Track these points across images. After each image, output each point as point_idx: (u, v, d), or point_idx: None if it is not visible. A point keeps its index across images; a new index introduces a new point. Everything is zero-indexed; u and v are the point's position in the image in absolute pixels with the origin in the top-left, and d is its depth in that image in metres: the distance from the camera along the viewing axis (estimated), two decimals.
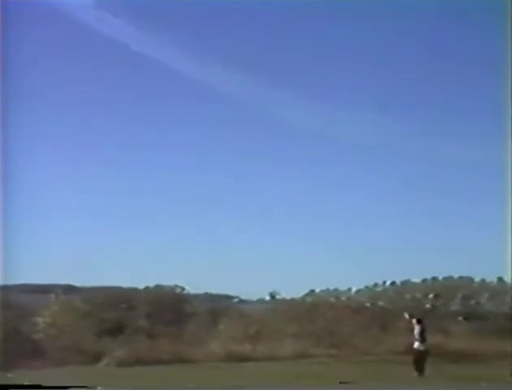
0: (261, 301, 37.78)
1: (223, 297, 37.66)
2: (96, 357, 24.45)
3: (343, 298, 37.07)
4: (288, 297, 36.70)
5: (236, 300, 38.26)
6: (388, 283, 36.94)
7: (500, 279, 35.10)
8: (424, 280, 36.27)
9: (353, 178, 49.40)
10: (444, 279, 35.96)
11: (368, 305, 36.24)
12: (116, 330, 27.35)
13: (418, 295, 35.70)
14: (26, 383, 10.19)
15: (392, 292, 36.70)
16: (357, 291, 37.34)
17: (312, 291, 37.34)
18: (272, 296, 36.62)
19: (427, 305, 34.47)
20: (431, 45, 47.05)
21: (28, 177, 37.53)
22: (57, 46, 43.19)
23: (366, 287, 37.28)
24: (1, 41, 17.95)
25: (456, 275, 35.94)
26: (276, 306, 35.16)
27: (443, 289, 35.43)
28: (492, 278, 35.45)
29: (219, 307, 33.47)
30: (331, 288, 37.70)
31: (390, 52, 47.73)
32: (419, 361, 20.03)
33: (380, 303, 36.26)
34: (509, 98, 13.94)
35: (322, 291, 37.59)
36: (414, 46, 47.30)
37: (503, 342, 27.46)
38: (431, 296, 35.15)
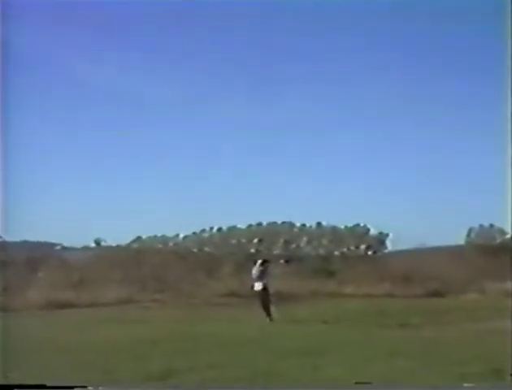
0: (86, 248, 36.67)
1: (45, 245, 35.93)
2: None
3: (170, 244, 37.18)
4: (114, 244, 36.05)
5: (58, 247, 36.73)
6: (215, 229, 37.57)
7: (318, 224, 37.32)
8: (250, 226, 37.37)
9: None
10: (268, 224, 37.33)
11: (195, 250, 36.77)
12: None
13: (243, 240, 36.81)
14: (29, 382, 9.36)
15: (218, 238, 37.44)
16: (185, 237, 37.59)
17: (139, 237, 36.92)
18: (97, 243, 35.62)
19: (252, 250, 35.74)
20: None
21: None
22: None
23: (194, 233, 37.63)
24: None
25: (279, 221, 37.47)
26: (101, 253, 34.41)
27: (267, 234, 36.85)
28: (311, 223, 37.54)
29: (39, 255, 31.92)
30: (159, 234, 37.59)
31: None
32: (264, 302, 18.70)
33: (207, 249, 36.93)
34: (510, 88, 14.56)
35: (149, 237, 37.32)
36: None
37: (317, 281, 29.61)
38: (255, 241, 36.43)
